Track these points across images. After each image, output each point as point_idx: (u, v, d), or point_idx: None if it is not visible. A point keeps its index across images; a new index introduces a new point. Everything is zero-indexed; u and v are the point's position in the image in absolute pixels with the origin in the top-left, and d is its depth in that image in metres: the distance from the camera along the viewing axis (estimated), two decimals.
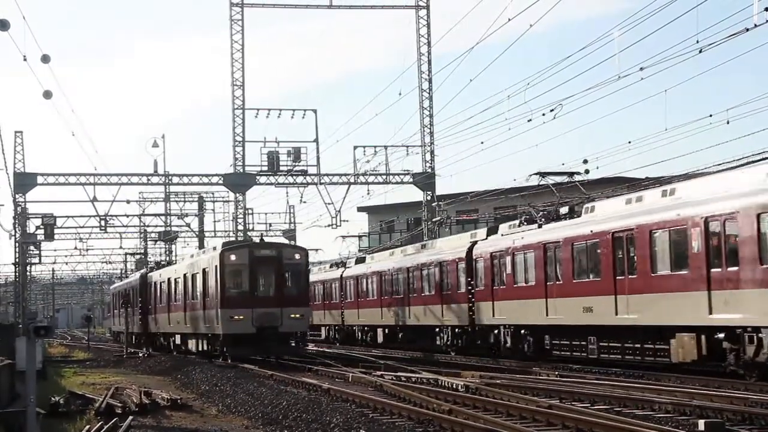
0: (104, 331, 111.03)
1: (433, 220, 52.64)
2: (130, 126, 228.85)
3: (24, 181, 51.29)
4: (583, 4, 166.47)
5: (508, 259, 32.29)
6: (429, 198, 53.38)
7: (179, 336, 43.98)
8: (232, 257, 36.09)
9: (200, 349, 39.58)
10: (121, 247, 78.02)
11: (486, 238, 35.30)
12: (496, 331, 33.75)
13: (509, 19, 28.97)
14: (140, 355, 48.17)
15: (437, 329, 39.13)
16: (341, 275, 51.59)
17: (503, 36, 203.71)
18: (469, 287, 35.44)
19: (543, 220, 31.18)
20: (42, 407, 19.00)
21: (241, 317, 35.07)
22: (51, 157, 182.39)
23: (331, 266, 56.40)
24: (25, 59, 26.86)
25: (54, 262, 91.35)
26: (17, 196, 51.50)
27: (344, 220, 53.62)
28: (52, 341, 76.37)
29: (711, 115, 29.63)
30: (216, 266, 36.43)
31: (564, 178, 32.13)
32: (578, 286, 27.87)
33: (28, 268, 63.80)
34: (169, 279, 45.89)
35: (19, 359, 15.83)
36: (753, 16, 23.32)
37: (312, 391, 23.75)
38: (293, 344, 36.04)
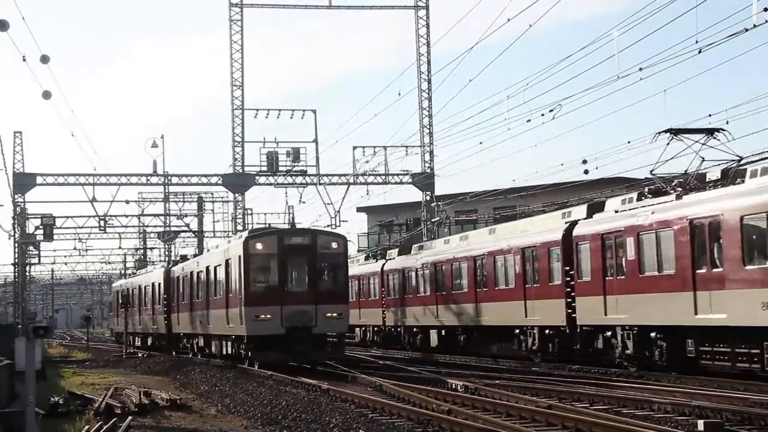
0: (104, 332, 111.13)
1: (433, 220, 52.65)
2: (129, 126, 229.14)
3: (23, 182, 51.25)
4: (583, 4, 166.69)
5: (630, 240, 25.45)
6: (428, 198, 53.38)
7: (202, 338, 39.28)
8: (258, 246, 31.33)
9: (224, 352, 35.04)
10: (120, 248, 77.91)
11: (589, 217, 28.75)
12: (608, 333, 27.10)
13: (509, 19, 28.93)
14: (139, 355, 48.16)
15: (517, 330, 32.50)
16: (382, 268, 45.54)
17: (503, 36, 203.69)
18: (568, 278, 28.94)
19: (680, 189, 24.55)
20: (41, 407, 19.02)
21: (269, 316, 30.50)
22: (50, 157, 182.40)
23: (366, 258, 51.08)
24: (24, 59, 26.82)
25: (53, 263, 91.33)
26: (16, 196, 51.51)
27: (343, 221, 53.57)
28: (51, 341, 76.33)
29: (710, 115, 29.41)
30: (239, 256, 31.60)
31: (702, 137, 25.21)
32: (754, 274, 21.02)
33: (27, 268, 63.68)
34: (191, 273, 40.91)
35: (19, 359, 15.82)
36: (752, 16, 23.30)
37: (311, 391, 23.75)
38: (330, 348, 31.59)
